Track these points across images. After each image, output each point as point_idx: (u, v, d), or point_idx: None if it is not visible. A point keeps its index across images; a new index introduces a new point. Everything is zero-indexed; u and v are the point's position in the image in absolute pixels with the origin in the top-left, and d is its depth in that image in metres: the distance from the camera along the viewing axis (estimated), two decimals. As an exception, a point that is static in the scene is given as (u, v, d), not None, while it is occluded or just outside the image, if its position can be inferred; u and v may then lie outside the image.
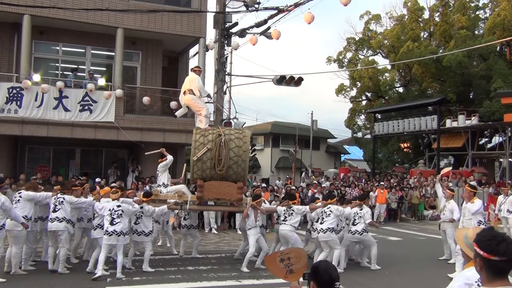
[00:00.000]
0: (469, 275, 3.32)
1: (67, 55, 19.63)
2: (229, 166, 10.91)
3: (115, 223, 9.73)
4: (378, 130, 33.31)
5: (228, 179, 11.07)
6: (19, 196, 10.02)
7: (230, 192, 10.98)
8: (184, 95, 11.88)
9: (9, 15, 17.08)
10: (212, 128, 11.79)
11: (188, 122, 18.37)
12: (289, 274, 3.53)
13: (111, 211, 9.81)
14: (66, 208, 10.00)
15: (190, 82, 11.86)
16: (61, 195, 10.12)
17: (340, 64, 41.49)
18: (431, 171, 28.99)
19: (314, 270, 3.22)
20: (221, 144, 10.83)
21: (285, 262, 3.51)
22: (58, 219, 9.91)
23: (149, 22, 18.60)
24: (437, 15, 37.68)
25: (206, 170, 10.98)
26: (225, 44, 17.55)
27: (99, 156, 21.15)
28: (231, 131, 11.49)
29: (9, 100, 16.54)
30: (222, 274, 10.26)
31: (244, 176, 11.32)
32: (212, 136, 11.03)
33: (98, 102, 17.55)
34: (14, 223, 9.59)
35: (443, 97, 31.03)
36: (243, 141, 11.11)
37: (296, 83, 17.64)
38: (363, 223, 11.10)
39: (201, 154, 10.86)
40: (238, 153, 10.97)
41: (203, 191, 10.95)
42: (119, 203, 9.94)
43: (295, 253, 3.54)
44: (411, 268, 11.46)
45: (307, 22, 12.92)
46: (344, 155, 52.11)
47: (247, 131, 11.75)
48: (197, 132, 11.26)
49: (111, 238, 9.68)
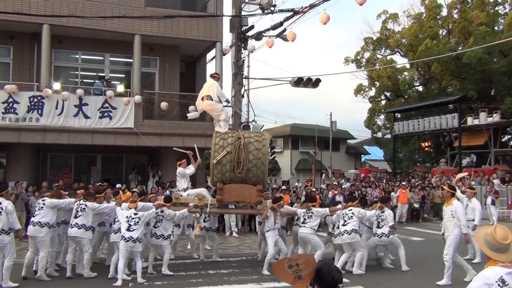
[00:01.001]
0: (488, 274, 3.28)
1: (86, 63, 19.87)
2: (248, 169, 10.92)
3: (132, 229, 9.82)
4: (398, 129, 33.06)
5: (247, 182, 11.08)
6: (42, 203, 10.14)
7: (249, 194, 11.00)
8: (202, 101, 11.85)
9: (29, 25, 17.36)
10: (231, 131, 11.80)
11: (207, 127, 18.44)
12: (297, 280, 3.51)
13: (128, 218, 9.91)
14: (87, 214, 10.16)
15: (208, 88, 11.81)
16: (84, 201, 10.26)
17: (358, 64, 41.33)
18: (453, 169, 28.65)
19: (317, 273, 3.26)
20: (240, 147, 10.85)
21: (294, 268, 3.50)
22: (78, 225, 10.06)
23: (165, 28, 18.73)
24: (455, 12, 37.30)
25: (226, 173, 11.01)
26: (241, 48, 17.57)
27: (119, 162, 21.34)
28: (250, 134, 11.50)
29: (30, 108, 16.78)
30: (243, 277, 10.26)
31: (263, 179, 11.32)
32: (231, 139, 11.06)
33: (118, 109, 17.72)
34: (37, 228, 9.75)
35: (464, 94, 30.69)
36: (263, 144, 11.11)
37: (314, 85, 17.58)
38: (387, 225, 11.04)
39: (221, 157, 10.89)
40: (258, 155, 10.98)
41: (223, 194, 10.99)
42: (136, 211, 10.04)
43: (303, 259, 3.53)
44: (434, 268, 11.30)
45: (323, 22, 12.91)
46: (365, 155, 51.80)
47: (266, 134, 11.74)
48: (216, 136, 11.30)
49: (127, 244, 9.76)
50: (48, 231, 9.89)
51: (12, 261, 9.29)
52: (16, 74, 18.51)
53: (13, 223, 9.35)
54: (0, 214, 9.19)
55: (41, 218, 9.87)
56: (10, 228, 9.30)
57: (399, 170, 37.83)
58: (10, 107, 16.56)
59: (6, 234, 9.22)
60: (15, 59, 18.71)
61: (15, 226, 9.42)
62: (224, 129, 11.70)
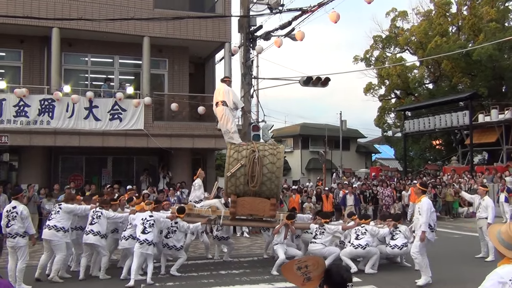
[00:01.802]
0: (502, 273, 3.24)
1: (96, 65, 19.97)
2: (262, 182, 10.87)
3: (147, 232, 9.87)
4: (408, 127, 32.90)
5: (261, 195, 11.05)
6: (59, 207, 10.20)
7: (263, 208, 10.97)
8: (217, 106, 11.63)
9: (39, 29, 17.47)
10: (246, 143, 11.67)
11: (216, 127, 18.46)
12: (306, 282, 3.50)
13: (143, 220, 9.96)
14: (102, 222, 10.27)
15: (224, 94, 11.55)
16: (100, 208, 10.36)
17: (367, 63, 41.19)
18: (464, 167, 28.46)
19: (326, 273, 3.29)
20: (254, 161, 10.80)
21: (303, 270, 3.49)
22: (93, 232, 10.16)
23: (174, 29, 18.77)
24: (465, 9, 37.02)
25: (240, 186, 10.98)
26: (250, 48, 17.56)
27: (130, 163, 21.42)
28: (265, 146, 11.40)
29: (41, 111, 16.88)
30: (254, 277, 10.25)
31: (277, 192, 11.30)
32: (246, 152, 11.00)
33: (128, 111, 17.78)
34: (53, 232, 9.86)
35: (474, 91, 30.47)
36: (277, 157, 11.06)
37: (323, 84, 17.55)
38: (403, 237, 11.10)
39: (235, 170, 10.86)
40: (272, 169, 10.93)
41: (237, 207, 10.97)
42: (151, 213, 10.08)
43: (312, 260, 3.52)
44: (446, 267, 11.25)
45: (333, 21, 12.86)
46: (375, 154, 51.60)
47: (281, 146, 11.67)
48: (231, 148, 11.22)
49: (142, 246, 9.80)
50: (64, 235, 9.99)
51: (25, 264, 9.37)
52: (27, 77, 18.65)
53: (28, 228, 9.46)
54: (15, 218, 9.34)
55: (57, 222, 9.97)
56: (25, 231, 9.41)
57: (410, 169, 37.64)
58: (21, 110, 16.68)
59: (21, 237, 9.34)
60: (25, 63, 18.85)
61: (30, 231, 9.52)
62: (237, 140, 11.53)
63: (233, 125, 11.62)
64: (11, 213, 9.40)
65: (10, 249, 9.42)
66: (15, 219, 9.32)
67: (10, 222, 9.36)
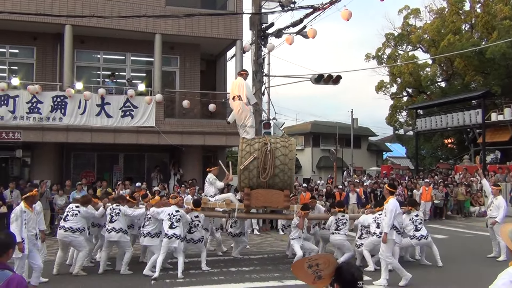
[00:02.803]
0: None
1: (108, 62, 20.07)
2: (275, 174, 10.90)
3: (174, 226, 10.03)
4: (420, 126, 32.68)
5: (274, 187, 11.07)
6: (77, 211, 10.30)
7: (277, 199, 11.00)
8: (234, 101, 11.52)
9: (52, 26, 17.60)
10: (258, 137, 11.70)
11: (227, 125, 18.48)
12: (317, 280, 3.50)
13: (170, 215, 10.07)
14: (121, 218, 10.41)
15: (239, 88, 11.48)
16: (117, 206, 10.50)
17: (379, 61, 40.98)
18: (476, 166, 28.22)
19: (337, 271, 3.29)
20: (266, 153, 10.82)
21: (314, 268, 3.48)
22: (115, 229, 10.30)
23: (186, 27, 18.81)
24: (478, 7, 36.65)
25: (253, 179, 11.01)
26: (261, 45, 17.55)
27: (141, 160, 21.51)
28: (276, 139, 11.42)
29: (54, 108, 17.00)
30: (264, 275, 10.26)
31: (290, 184, 11.32)
32: (258, 145, 11.03)
33: (139, 108, 17.85)
34: (69, 234, 10.09)
35: (487, 90, 30.17)
36: (289, 149, 11.08)
37: (335, 81, 17.49)
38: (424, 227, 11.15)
39: (248, 163, 10.88)
40: (284, 161, 10.95)
41: (250, 199, 10.99)
42: (177, 208, 10.15)
43: (324, 259, 3.51)
44: (457, 266, 11.19)
45: (345, 19, 12.81)
46: (386, 152, 51.37)
47: (292, 139, 11.66)
48: (243, 142, 11.25)
49: (171, 241, 9.97)
50: (80, 234, 10.21)
51: (42, 258, 9.52)
52: (40, 74, 18.80)
53: (39, 223, 9.58)
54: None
55: (73, 224, 10.14)
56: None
57: (422, 167, 37.41)
58: (34, 107, 16.81)
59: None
60: (38, 60, 19.01)
61: (41, 227, 9.66)
62: (252, 135, 11.47)
63: (250, 120, 11.50)
64: None
65: None
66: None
67: None
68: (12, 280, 3.50)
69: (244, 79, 11.79)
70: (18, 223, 8.40)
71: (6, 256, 3.73)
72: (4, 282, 3.44)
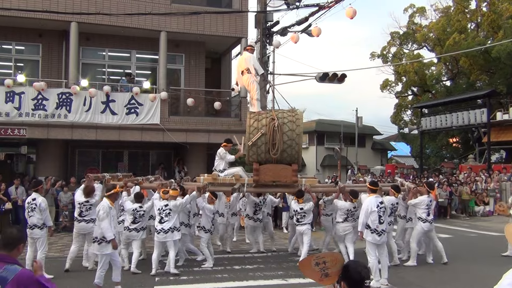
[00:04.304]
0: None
1: (113, 59, 20.10)
2: (283, 149, 10.99)
3: (163, 221, 10.03)
4: (425, 125, 32.60)
5: (282, 162, 11.18)
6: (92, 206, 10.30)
7: (285, 174, 11.10)
8: (242, 75, 11.69)
9: (57, 23, 17.64)
10: (265, 112, 11.77)
11: (232, 123, 18.55)
12: (324, 278, 3.51)
13: (160, 210, 10.08)
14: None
15: (246, 61, 11.65)
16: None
17: (384, 59, 40.91)
18: (481, 165, 28.15)
19: (344, 270, 3.31)
20: (274, 129, 10.87)
21: (321, 265, 3.50)
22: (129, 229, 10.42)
23: (191, 25, 18.82)
24: (484, 5, 36.50)
25: (261, 154, 11.10)
26: (267, 43, 17.56)
27: (146, 157, 21.54)
28: (284, 114, 11.40)
29: (59, 105, 17.05)
30: (268, 273, 10.28)
31: (298, 158, 11.36)
32: (265, 120, 11.08)
33: (144, 105, 17.88)
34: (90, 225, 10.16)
35: (493, 89, 30.07)
36: (296, 124, 11.13)
37: (340, 80, 17.50)
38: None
39: (256, 139, 10.94)
40: (292, 136, 11.02)
41: (259, 174, 11.09)
42: (166, 202, 10.15)
43: (331, 257, 3.53)
44: (461, 265, 11.17)
45: (349, 17, 12.80)
46: (391, 151, 51.28)
47: (299, 112, 11.59)
48: (251, 117, 11.31)
49: (159, 236, 10.01)
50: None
51: (44, 254, 9.73)
52: (45, 71, 18.85)
53: (46, 220, 9.79)
54: (34, 210, 9.69)
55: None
56: (43, 223, 9.73)
57: (426, 166, 37.34)
58: (39, 103, 16.87)
59: (39, 228, 9.68)
60: (44, 57, 19.06)
61: (48, 223, 9.85)
62: (257, 108, 11.59)
63: (256, 92, 11.65)
64: (30, 204, 9.77)
65: (30, 240, 9.70)
66: (34, 211, 9.67)
67: (29, 213, 9.73)
68: (22, 275, 3.52)
69: (250, 53, 11.90)
70: (109, 219, 8.55)
71: (16, 251, 3.74)
72: (15, 276, 3.47)
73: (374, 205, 9.45)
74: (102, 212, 8.55)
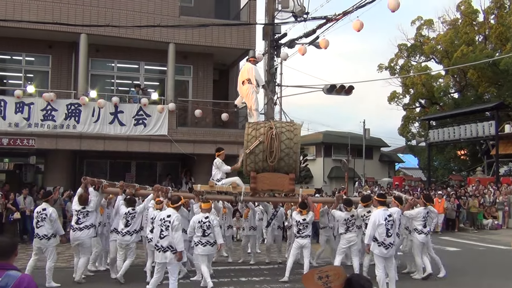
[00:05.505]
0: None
1: (122, 71, 20.27)
2: (280, 158, 10.99)
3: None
4: (433, 137, 32.49)
5: (280, 170, 11.15)
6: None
7: (282, 183, 11.09)
8: (243, 85, 11.79)
9: (67, 35, 17.82)
10: (263, 121, 11.87)
11: (239, 134, 18.52)
12: None
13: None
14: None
15: (248, 72, 11.76)
16: (133, 210, 10.52)
17: (392, 71, 40.90)
18: (490, 178, 27.99)
19: (347, 283, 3.31)
20: (272, 137, 10.92)
21: (324, 279, 3.51)
22: (130, 233, 10.39)
23: (199, 36, 18.96)
24: (492, 18, 36.52)
25: (259, 163, 11.11)
26: (274, 55, 17.62)
27: (153, 168, 21.62)
28: (282, 124, 11.51)
29: (68, 116, 17.19)
30: (275, 285, 10.25)
31: (295, 167, 11.35)
32: (263, 129, 11.13)
33: (152, 116, 17.99)
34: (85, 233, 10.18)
35: (501, 101, 29.98)
36: (294, 133, 11.17)
37: (347, 92, 17.51)
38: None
39: (254, 147, 10.98)
40: (289, 145, 11.04)
41: (257, 183, 11.10)
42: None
43: (334, 271, 3.54)
44: (469, 279, 11.08)
45: (356, 30, 12.80)
46: (399, 163, 51.09)
47: (298, 124, 11.71)
48: (249, 126, 11.38)
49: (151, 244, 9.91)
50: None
51: (53, 263, 9.80)
52: (55, 82, 19.02)
53: (58, 230, 9.94)
54: (44, 220, 9.73)
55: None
56: (53, 233, 9.81)
57: (434, 179, 37.15)
58: (48, 114, 17.01)
59: (47, 239, 9.73)
60: (53, 68, 19.24)
61: (60, 232, 10.03)
62: (256, 118, 11.70)
63: (255, 103, 11.76)
64: (40, 214, 9.80)
65: (37, 250, 9.78)
66: (44, 221, 9.71)
67: (39, 223, 9.76)
68: (23, 280, 3.55)
69: (253, 64, 12.02)
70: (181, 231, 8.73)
71: (14, 256, 3.76)
72: (15, 282, 3.50)
73: (382, 218, 9.27)
74: (177, 223, 8.61)
